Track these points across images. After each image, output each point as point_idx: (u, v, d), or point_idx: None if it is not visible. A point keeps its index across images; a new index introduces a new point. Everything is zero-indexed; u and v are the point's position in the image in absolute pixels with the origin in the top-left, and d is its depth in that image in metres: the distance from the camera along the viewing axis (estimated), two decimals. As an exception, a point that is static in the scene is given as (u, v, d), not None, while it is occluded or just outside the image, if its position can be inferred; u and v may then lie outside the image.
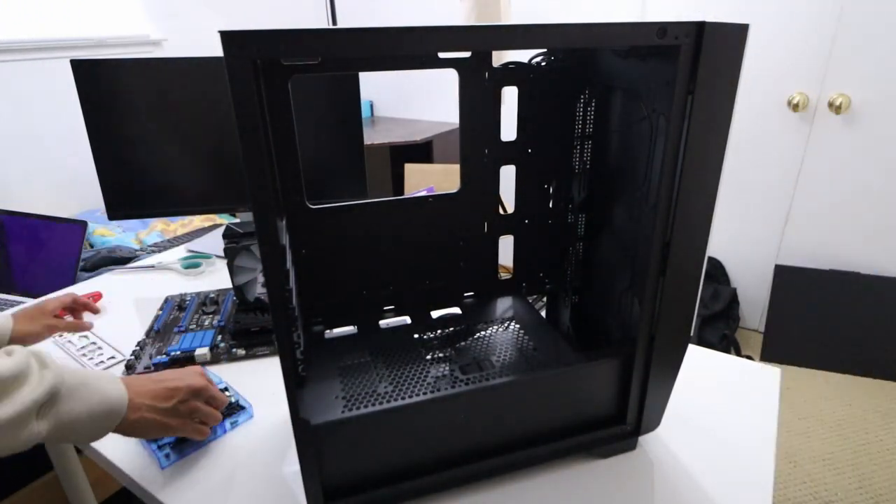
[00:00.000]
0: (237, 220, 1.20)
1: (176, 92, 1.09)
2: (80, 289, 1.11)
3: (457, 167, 0.69)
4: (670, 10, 2.04)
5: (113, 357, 0.87)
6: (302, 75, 0.61)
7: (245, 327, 0.90)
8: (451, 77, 0.65)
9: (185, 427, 0.64)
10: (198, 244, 1.37)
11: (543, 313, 0.83)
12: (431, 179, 2.08)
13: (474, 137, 0.68)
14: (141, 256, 1.38)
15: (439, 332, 0.71)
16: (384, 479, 0.58)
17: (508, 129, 0.67)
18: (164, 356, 0.85)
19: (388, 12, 2.73)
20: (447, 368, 0.62)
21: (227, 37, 0.37)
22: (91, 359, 0.87)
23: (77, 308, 0.92)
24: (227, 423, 0.72)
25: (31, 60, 2.04)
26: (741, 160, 2.07)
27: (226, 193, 1.20)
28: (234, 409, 0.74)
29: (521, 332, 0.70)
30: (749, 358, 2.01)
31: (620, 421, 0.66)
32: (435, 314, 0.75)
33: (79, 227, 1.28)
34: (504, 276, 0.78)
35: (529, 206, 0.74)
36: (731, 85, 0.49)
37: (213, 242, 1.34)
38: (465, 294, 0.78)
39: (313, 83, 1.09)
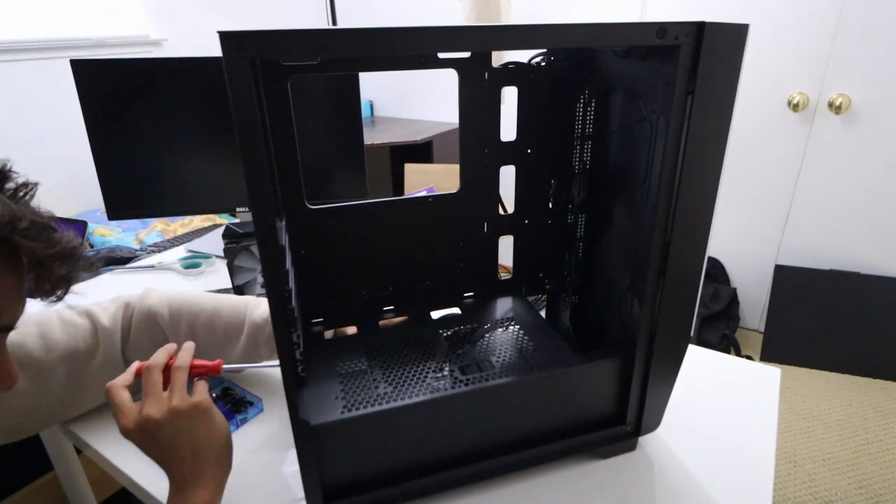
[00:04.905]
0: (237, 220, 1.20)
1: (176, 92, 1.09)
2: (80, 289, 1.10)
3: (457, 167, 0.69)
4: (670, 10, 2.04)
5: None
6: (302, 75, 0.61)
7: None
8: (451, 77, 0.65)
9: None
10: (198, 244, 1.36)
11: (543, 313, 0.83)
12: (431, 179, 2.08)
13: (474, 137, 0.68)
14: (141, 256, 1.37)
15: (439, 332, 0.71)
16: (384, 480, 0.58)
17: (508, 129, 0.67)
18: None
19: (388, 12, 2.73)
20: (447, 369, 0.62)
21: (226, 37, 0.36)
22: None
23: None
24: (238, 420, 0.72)
25: (31, 60, 2.03)
26: (741, 160, 2.07)
27: (226, 193, 1.20)
28: (240, 407, 0.74)
29: (521, 332, 0.70)
30: (749, 358, 2.01)
31: (620, 421, 0.66)
32: (435, 314, 0.75)
33: (79, 227, 1.27)
34: (504, 276, 0.78)
35: (529, 206, 0.74)
36: (731, 85, 0.49)
37: (213, 242, 1.34)
38: (465, 294, 0.77)
39: (313, 83, 1.09)
